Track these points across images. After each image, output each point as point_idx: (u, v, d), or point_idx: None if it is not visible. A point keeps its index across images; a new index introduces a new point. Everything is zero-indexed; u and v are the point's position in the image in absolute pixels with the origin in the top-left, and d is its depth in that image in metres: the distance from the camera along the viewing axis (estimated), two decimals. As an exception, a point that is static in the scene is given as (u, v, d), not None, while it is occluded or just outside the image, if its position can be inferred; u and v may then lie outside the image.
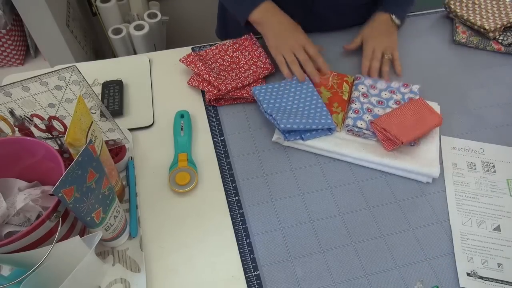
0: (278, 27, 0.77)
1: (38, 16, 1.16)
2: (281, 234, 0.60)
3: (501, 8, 0.91)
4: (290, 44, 0.75)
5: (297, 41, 0.76)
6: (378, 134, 0.69)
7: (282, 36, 0.76)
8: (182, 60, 0.79)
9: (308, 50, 0.76)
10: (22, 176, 0.55)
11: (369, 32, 0.83)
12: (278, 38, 0.76)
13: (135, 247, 0.57)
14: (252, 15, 0.77)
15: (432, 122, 0.68)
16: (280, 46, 0.76)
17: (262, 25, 0.78)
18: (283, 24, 0.77)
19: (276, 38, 0.76)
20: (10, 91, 0.50)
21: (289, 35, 0.76)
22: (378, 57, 0.80)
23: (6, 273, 0.52)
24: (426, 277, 0.57)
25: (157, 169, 0.67)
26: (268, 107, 0.71)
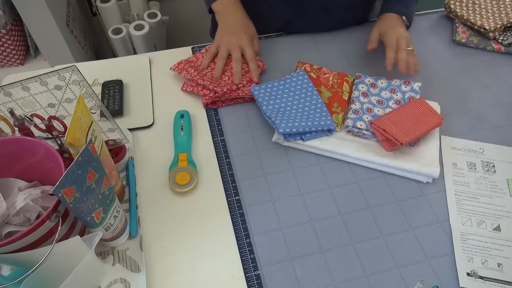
0: (230, 22, 0.80)
1: (38, 16, 1.16)
2: (281, 234, 0.60)
3: (501, 8, 0.91)
4: (230, 40, 0.77)
5: (238, 40, 0.77)
6: (378, 134, 0.69)
7: (228, 31, 0.79)
8: (173, 68, 0.80)
9: (245, 52, 0.77)
10: (22, 176, 0.55)
11: (385, 25, 0.80)
12: (224, 32, 0.79)
13: (135, 247, 0.57)
14: (215, 4, 0.81)
15: (432, 122, 0.68)
16: (221, 38, 0.78)
17: (219, 16, 0.81)
18: (236, 21, 0.79)
19: (222, 32, 0.79)
20: (10, 91, 0.50)
21: (235, 32, 0.78)
22: (404, 47, 0.74)
23: (6, 273, 0.52)
24: (426, 277, 0.57)
25: (157, 169, 0.67)
26: (268, 109, 0.71)
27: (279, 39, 0.90)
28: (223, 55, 0.77)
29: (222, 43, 0.78)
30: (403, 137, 0.66)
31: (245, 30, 0.79)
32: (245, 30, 0.79)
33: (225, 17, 0.80)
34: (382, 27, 0.80)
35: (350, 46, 0.89)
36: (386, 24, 0.81)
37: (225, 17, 0.80)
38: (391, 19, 0.82)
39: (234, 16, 0.80)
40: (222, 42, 0.78)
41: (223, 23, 0.80)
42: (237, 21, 0.80)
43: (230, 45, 0.77)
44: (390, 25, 0.80)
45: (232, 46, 0.77)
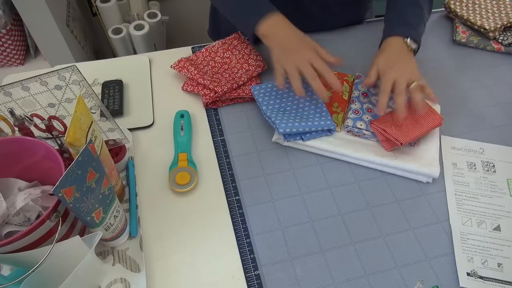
0: (285, 40, 0.70)
1: (38, 16, 1.16)
2: (281, 234, 0.60)
3: (501, 8, 0.91)
4: (294, 57, 0.68)
5: (303, 55, 0.67)
6: (378, 134, 0.69)
7: (287, 50, 0.69)
8: (173, 66, 0.79)
9: (315, 65, 0.67)
10: (22, 176, 0.55)
11: (385, 62, 0.70)
12: (283, 52, 0.70)
13: (135, 247, 0.57)
14: (259, 28, 0.71)
15: (432, 122, 0.68)
16: (283, 60, 0.69)
17: (269, 38, 0.71)
18: (291, 38, 0.70)
19: (281, 52, 0.70)
20: (10, 91, 0.50)
21: (295, 49, 0.69)
22: (403, 91, 0.65)
23: (6, 273, 0.52)
24: (426, 277, 0.57)
25: (157, 169, 0.67)
26: (268, 109, 0.71)
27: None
28: (294, 74, 0.67)
29: (287, 65, 0.68)
30: (403, 137, 0.66)
31: (305, 42, 0.70)
32: (304, 42, 0.70)
33: (277, 38, 0.71)
34: (382, 64, 0.70)
35: (349, 46, 0.89)
36: (386, 59, 0.71)
37: (277, 38, 0.71)
38: (393, 50, 0.72)
39: (286, 33, 0.71)
40: (287, 64, 0.68)
41: (277, 45, 0.70)
42: (291, 37, 0.71)
43: (297, 62, 0.67)
44: (389, 64, 0.70)
45: (300, 63, 0.67)
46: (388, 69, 0.69)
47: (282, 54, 0.70)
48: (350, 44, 0.89)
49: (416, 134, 0.66)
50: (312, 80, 0.66)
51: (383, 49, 0.74)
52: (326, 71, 0.67)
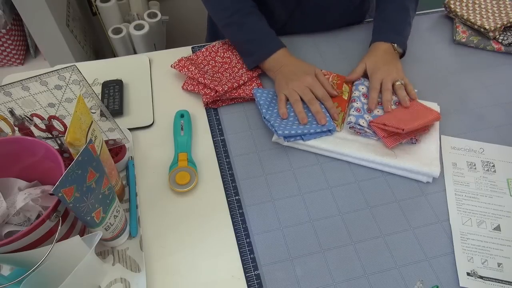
0: (287, 70, 0.75)
1: (38, 16, 1.16)
2: (281, 234, 0.60)
3: (501, 8, 0.91)
4: (296, 85, 0.73)
5: (303, 82, 0.73)
6: (379, 131, 0.69)
7: (289, 78, 0.74)
8: (173, 66, 0.79)
9: (315, 91, 0.72)
10: (22, 176, 0.55)
11: (373, 63, 0.78)
12: (284, 80, 0.74)
13: (135, 247, 0.57)
14: (265, 62, 0.78)
15: (430, 115, 0.69)
16: (284, 88, 0.73)
17: (273, 71, 0.77)
18: (293, 68, 0.75)
19: (282, 80, 0.74)
20: (10, 91, 0.50)
21: (296, 77, 0.74)
22: (389, 88, 0.74)
23: (6, 272, 0.52)
24: (426, 277, 0.57)
25: (157, 169, 0.67)
26: (267, 113, 0.71)
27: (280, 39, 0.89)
28: (297, 99, 0.71)
29: (288, 91, 0.73)
30: (404, 125, 0.65)
31: (307, 70, 0.75)
32: (306, 70, 0.75)
33: (280, 70, 0.76)
34: (370, 65, 0.78)
35: (349, 46, 0.89)
36: (374, 60, 0.78)
37: (280, 71, 0.76)
38: (381, 53, 0.79)
39: (288, 66, 0.76)
40: (288, 90, 0.73)
41: (280, 75, 0.75)
42: (294, 68, 0.75)
43: (297, 89, 0.72)
44: (378, 65, 0.77)
45: (299, 89, 0.72)
46: (376, 69, 0.77)
47: (283, 83, 0.74)
48: (350, 44, 0.89)
49: (416, 124, 0.66)
50: (311, 104, 0.71)
51: (372, 51, 0.81)
52: (326, 98, 0.73)
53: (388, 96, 0.73)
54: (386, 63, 0.77)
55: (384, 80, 0.75)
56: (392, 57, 0.79)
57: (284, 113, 0.71)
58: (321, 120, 0.69)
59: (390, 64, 0.77)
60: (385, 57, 0.79)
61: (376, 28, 0.84)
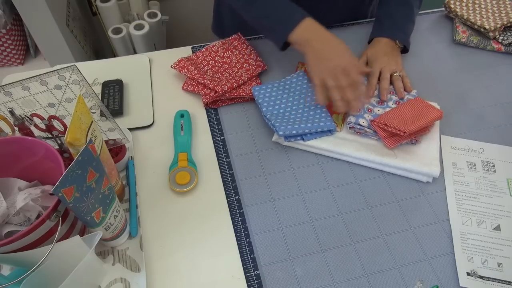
0: (320, 47, 0.69)
1: (38, 16, 1.16)
2: (281, 234, 0.60)
3: (501, 8, 0.91)
4: (332, 66, 0.67)
5: (339, 64, 0.67)
6: (379, 131, 0.68)
7: (324, 58, 0.68)
8: (173, 66, 0.79)
9: (351, 75, 0.67)
10: (22, 176, 0.55)
11: (374, 53, 0.80)
12: (320, 59, 0.69)
13: (135, 247, 0.57)
14: (292, 35, 0.70)
15: (432, 114, 0.69)
16: (321, 68, 0.68)
17: (303, 45, 0.70)
18: (326, 43, 0.69)
19: (317, 60, 0.69)
20: (10, 91, 0.50)
21: (331, 56, 0.68)
22: (387, 77, 0.76)
23: (6, 272, 0.52)
24: (426, 277, 0.57)
25: (157, 169, 0.67)
26: (268, 111, 0.71)
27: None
28: (333, 85, 0.67)
29: (325, 73, 0.68)
30: (405, 127, 0.65)
31: (341, 48, 0.69)
32: (340, 48, 0.69)
33: (312, 44, 0.69)
34: (370, 55, 0.80)
35: (350, 45, 0.89)
36: (375, 52, 0.80)
37: (311, 44, 0.69)
38: (383, 46, 0.80)
39: (321, 39, 0.69)
40: (325, 72, 0.68)
41: (312, 51, 0.69)
42: (327, 42, 0.69)
43: (334, 71, 0.67)
44: (379, 55, 0.79)
45: (336, 72, 0.67)
46: (376, 59, 0.79)
47: (318, 62, 0.69)
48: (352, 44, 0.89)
49: (417, 125, 0.66)
50: (346, 91, 0.67)
51: (373, 44, 0.82)
52: (359, 83, 0.68)
53: (386, 84, 0.75)
54: (386, 54, 0.79)
55: (383, 69, 0.77)
56: (393, 49, 0.80)
57: (321, 99, 0.70)
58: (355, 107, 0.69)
59: (390, 56, 0.79)
60: (385, 49, 0.80)
61: (377, 24, 0.84)
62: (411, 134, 0.67)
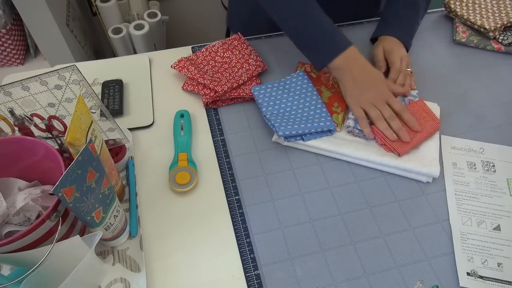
0: (358, 75, 0.69)
1: (38, 16, 1.16)
2: (281, 234, 0.60)
3: (501, 8, 0.91)
4: (372, 96, 0.68)
5: (379, 94, 0.68)
6: (378, 138, 0.69)
7: (362, 87, 0.69)
8: (173, 66, 0.79)
9: (392, 105, 0.68)
10: (22, 176, 0.55)
11: (389, 44, 0.79)
12: (358, 88, 0.69)
13: (135, 247, 0.57)
14: (335, 61, 0.70)
15: (430, 128, 0.69)
16: (361, 98, 0.69)
17: (342, 71, 0.70)
18: (364, 73, 0.70)
19: (356, 89, 0.69)
20: (10, 91, 0.50)
21: (370, 86, 0.69)
22: (405, 70, 0.76)
23: (6, 272, 0.52)
24: (426, 277, 0.57)
25: (157, 169, 0.67)
26: (268, 111, 0.71)
27: (279, 39, 0.89)
28: (378, 114, 0.68)
29: (366, 104, 0.69)
30: (401, 149, 0.66)
31: (379, 78, 0.70)
32: (378, 78, 0.70)
33: (351, 71, 0.69)
34: (387, 46, 0.79)
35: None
36: (390, 42, 0.80)
37: (350, 71, 0.69)
38: (393, 40, 0.80)
39: (360, 67, 0.70)
40: (366, 103, 0.69)
41: (350, 79, 0.70)
42: (366, 71, 0.70)
43: (375, 102, 0.68)
44: (395, 46, 0.79)
45: (377, 103, 0.68)
46: (395, 49, 0.78)
47: (357, 91, 0.70)
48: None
49: (413, 144, 0.67)
50: (393, 120, 0.68)
51: (385, 39, 0.81)
52: (403, 110, 0.69)
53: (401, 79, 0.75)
54: (398, 45, 0.79)
55: (403, 59, 0.77)
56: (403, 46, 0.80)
57: (369, 132, 0.68)
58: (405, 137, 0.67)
59: (401, 47, 0.79)
60: (398, 43, 0.80)
61: (382, 23, 0.84)
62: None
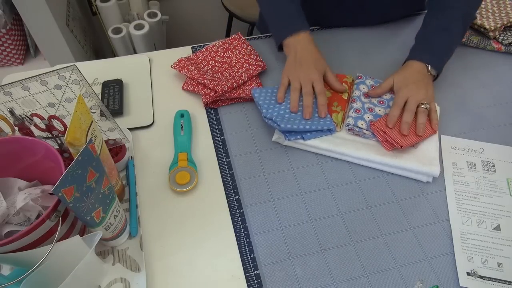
0: (300, 54, 0.76)
1: (38, 16, 1.16)
2: (281, 234, 0.60)
3: (501, 8, 0.91)
4: (301, 74, 0.74)
5: (308, 74, 0.73)
6: (378, 135, 0.69)
7: (298, 64, 0.75)
8: (173, 66, 0.79)
9: (316, 86, 0.73)
10: (22, 176, 0.55)
11: (401, 80, 0.73)
12: (294, 64, 0.75)
13: (135, 247, 0.57)
14: (287, 40, 0.78)
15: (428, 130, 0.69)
16: (291, 72, 0.75)
17: (289, 48, 0.77)
18: (305, 53, 0.76)
19: (292, 64, 0.76)
20: (10, 91, 0.50)
21: (305, 65, 0.74)
22: (412, 110, 0.69)
23: (6, 272, 0.52)
24: (426, 277, 0.57)
25: (157, 169, 0.67)
26: (267, 113, 0.71)
27: (279, 39, 0.89)
28: (297, 87, 0.73)
29: (293, 77, 0.74)
30: (403, 141, 0.66)
31: (316, 63, 0.75)
32: (316, 63, 0.75)
33: (295, 50, 0.76)
34: (398, 80, 0.74)
35: (351, 45, 0.89)
36: (404, 76, 0.74)
37: (295, 50, 0.76)
38: (413, 72, 0.74)
39: (303, 49, 0.76)
40: (293, 76, 0.74)
41: (293, 56, 0.76)
42: (307, 54, 0.76)
43: (301, 79, 0.73)
44: (407, 83, 0.72)
45: (303, 80, 0.73)
46: (404, 86, 0.72)
47: (292, 67, 0.75)
48: (353, 43, 0.89)
49: (415, 139, 0.67)
50: (306, 97, 0.72)
51: (403, 68, 0.76)
52: (322, 94, 0.72)
53: (409, 118, 0.69)
54: (415, 81, 0.72)
55: (409, 99, 0.70)
56: (424, 77, 0.73)
57: (281, 97, 0.73)
58: (306, 114, 0.71)
59: (420, 83, 0.72)
60: (416, 75, 0.73)
61: (414, 45, 0.79)
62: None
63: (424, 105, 0.70)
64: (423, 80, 0.73)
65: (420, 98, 0.70)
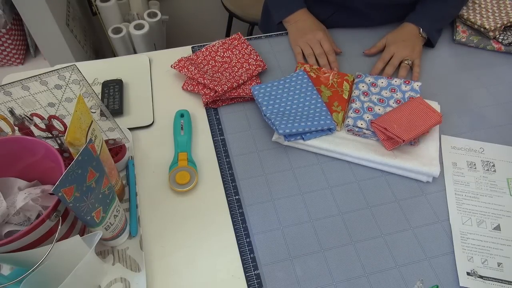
0: (301, 24, 0.85)
1: (38, 16, 1.16)
2: (281, 234, 0.60)
3: (501, 8, 0.91)
4: (308, 38, 0.83)
5: (314, 36, 0.82)
6: (379, 133, 0.69)
7: (302, 32, 0.84)
8: (173, 66, 0.79)
9: (323, 45, 0.82)
10: (22, 176, 0.55)
11: (393, 38, 0.84)
12: (298, 32, 0.85)
13: (135, 247, 0.57)
14: (286, 18, 0.88)
15: (432, 120, 0.68)
16: (298, 39, 0.84)
17: (290, 23, 0.87)
18: (306, 23, 0.85)
19: (296, 33, 0.85)
20: (10, 90, 0.50)
21: (308, 31, 0.84)
22: (394, 64, 0.80)
23: (6, 272, 0.52)
24: (426, 277, 0.57)
25: (157, 169, 0.67)
26: (268, 110, 0.71)
27: (280, 39, 0.90)
28: (310, 52, 0.82)
29: (302, 43, 0.83)
30: (405, 135, 0.65)
31: (318, 27, 0.85)
32: (318, 27, 0.85)
33: (296, 23, 0.86)
34: (390, 38, 0.84)
35: (351, 45, 0.89)
36: (395, 37, 0.83)
37: (295, 22, 0.86)
38: (404, 31, 0.84)
39: (304, 19, 0.86)
40: (302, 42, 0.83)
41: (294, 28, 0.86)
42: (308, 23, 0.85)
43: (309, 42, 0.82)
44: (396, 40, 0.82)
45: (311, 42, 0.82)
46: (392, 43, 0.82)
47: (297, 35, 0.85)
48: (353, 43, 0.89)
49: (417, 131, 0.66)
50: (320, 57, 0.81)
51: (398, 28, 0.86)
52: (331, 51, 0.82)
53: (390, 71, 0.79)
54: (405, 39, 0.82)
55: (395, 55, 0.80)
56: (414, 37, 0.82)
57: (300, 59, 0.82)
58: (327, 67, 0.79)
59: (408, 42, 0.81)
60: (406, 35, 0.83)
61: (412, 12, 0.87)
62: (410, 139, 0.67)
63: (407, 61, 0.79)
64: (412, 39, 0.82)
65: (405, 55, 0.80)
